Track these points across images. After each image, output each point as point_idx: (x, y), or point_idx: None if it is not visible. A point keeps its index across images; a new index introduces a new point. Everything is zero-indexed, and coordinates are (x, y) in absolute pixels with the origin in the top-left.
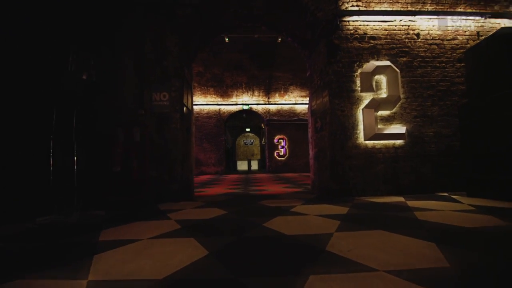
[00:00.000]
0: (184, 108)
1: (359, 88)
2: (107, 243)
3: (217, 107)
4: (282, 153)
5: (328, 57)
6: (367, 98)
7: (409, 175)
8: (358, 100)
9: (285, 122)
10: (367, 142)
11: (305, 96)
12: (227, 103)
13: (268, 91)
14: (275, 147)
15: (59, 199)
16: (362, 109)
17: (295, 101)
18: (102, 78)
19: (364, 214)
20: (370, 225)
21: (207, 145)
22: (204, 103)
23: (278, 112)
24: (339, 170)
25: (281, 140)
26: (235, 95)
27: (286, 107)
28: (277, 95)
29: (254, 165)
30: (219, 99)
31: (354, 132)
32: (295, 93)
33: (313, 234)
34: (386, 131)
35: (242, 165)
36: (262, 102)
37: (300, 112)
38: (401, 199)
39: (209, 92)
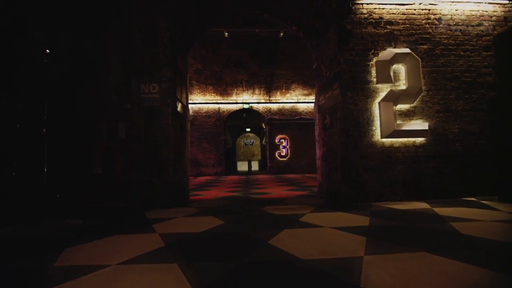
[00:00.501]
0: (178, 103)
1: (375, 79)
2: (60, 272)
3: (217, 106)
4: (283, 154)
5: (339, 44)
6: (384, 90)
7: (431, 178)
8: (374, 92)
9: (286, 121)
10: (384, 140)
11: (307, 95)
12: (226, 101)
13: (269, 89)
14: (277, 147)
15: (25, 206)
16: (379, 103)
17: (297, 100)
18: (83, 66)
19: (391, 227)
20: (405, 243)
21: (206, 145)
22: (203, 101)
23: (280, 111)
24: (352, 171)
25: (283, 140)
26: (235, 93)
27: (288, 106)
28: (278, 93)
29: (255, 166)
30: (218, 98)
31: (369, 128)
32: (297, 92)
33: (337, 258)
34: (405, 128)
35: (242, 166)
36: (263, 101)
37: (303, 111)
38: (425, 205)
39: (208, 90)
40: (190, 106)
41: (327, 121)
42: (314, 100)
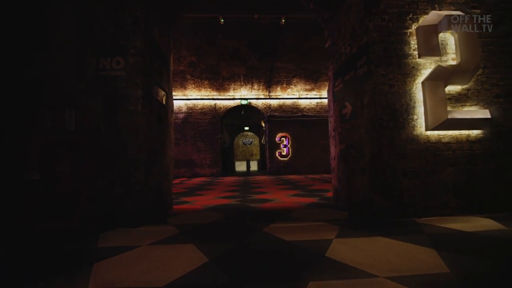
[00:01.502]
0: (154, 87)
1: (415, 52)
2: None
3: (213, 102)
4: (284, 153)
5: (367, 7)
6: (428, 66)
7: (491, 184)
8: (414, 69)
9: (287, 118)
10: (429, 133)
11: (310, 90)
12: (223, 97)
13: (269, 84)
14: (277, 146)
15: None
16: (422, 83)
17: (299, 95)
18: (16, 30)
19: (487, 273)
20: None
21: (201, 144)
22: (198, 97)
23: (280, 108)
24: (387, 176)
25: (284, 139)
26: (232, 88)
27: (288, 102)
28: (278, 88)
29: (253, 166)
30: (214, 93)
31: (410, 118)
32: (298, 86)
33: None
34: (458, 116)
35: (240, 166)
36: (262, 97)
37: (305, 107)
38: (492, 223)
39: (203, 85)
40: (184, 102)
41: (347, 110)
42: (316, 96)
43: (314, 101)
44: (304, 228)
